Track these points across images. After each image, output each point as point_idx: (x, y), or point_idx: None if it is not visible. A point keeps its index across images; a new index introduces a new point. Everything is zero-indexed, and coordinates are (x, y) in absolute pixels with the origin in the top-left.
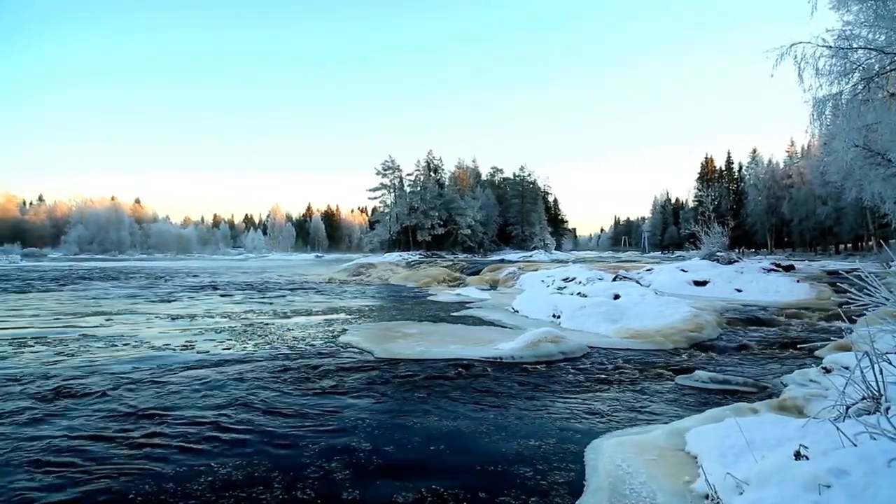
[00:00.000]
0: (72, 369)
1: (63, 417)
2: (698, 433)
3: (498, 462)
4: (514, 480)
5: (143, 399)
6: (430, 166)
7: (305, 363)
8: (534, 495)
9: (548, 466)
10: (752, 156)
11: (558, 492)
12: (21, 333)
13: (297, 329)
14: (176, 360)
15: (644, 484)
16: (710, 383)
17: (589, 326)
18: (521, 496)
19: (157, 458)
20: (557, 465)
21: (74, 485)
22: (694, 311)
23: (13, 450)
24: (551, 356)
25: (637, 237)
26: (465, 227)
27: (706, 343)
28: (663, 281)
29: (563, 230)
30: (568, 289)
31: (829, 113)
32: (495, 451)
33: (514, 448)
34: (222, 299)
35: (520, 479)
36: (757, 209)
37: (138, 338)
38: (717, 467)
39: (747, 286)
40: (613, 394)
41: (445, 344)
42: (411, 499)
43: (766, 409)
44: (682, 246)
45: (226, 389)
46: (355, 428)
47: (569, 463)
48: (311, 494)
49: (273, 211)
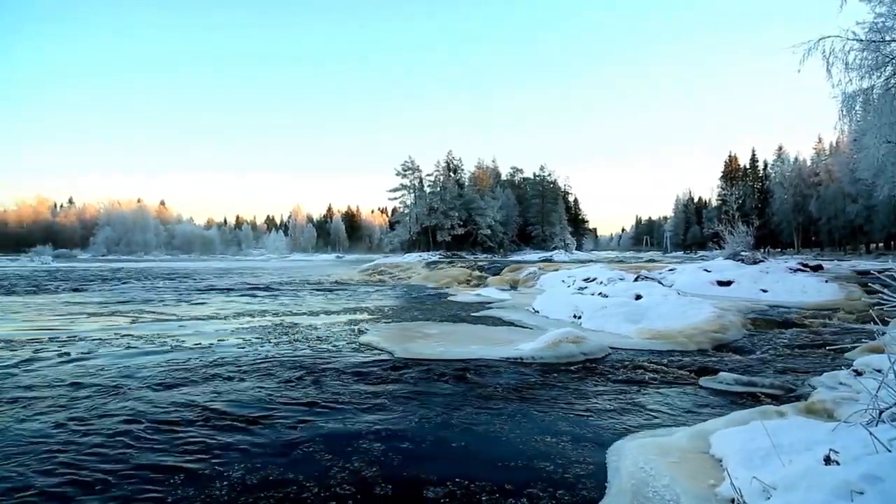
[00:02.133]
0: (116, 367)
1: (121, 401)
2: (723, 436)
3: (518, 462)
4: (535, 482)
5: (168, 396)
6: (450, 167)
7: (326, 363)
8: (555, 497)
9: (569, 468)
10: (778, 153)
11: (580, 493)
12: (58, 331)
13: (319, 329)
14: (202, 359)
15: (667, 487)
16: (734, 385)
17: (610, 327)
18: (543, 497)
19: (194, 451)
20: (578, 466)
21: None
22: (718, 312)
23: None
24: (572, 357)
25: (659, 237)
26: (484, 228)
27: (730, 344)
28: (686, 281)
29: (583, 230)
30: (589, 289)
31: (859, 108)
32: (515, 451)
33: (534, 449)
34: (246, 299)
35: (540, 480)
36: (783, 208)
37: (174, 336)
38: (742, 471)
39: (773, 286)
40: (635, 395)
41: (465, 344)
42: (440, 493)
43: (794, 412)
44: (706, 246)
45: (250, 385)
46: (377, 426)
47: (590, 465)
48: (349, 489)
49: (294, 212)
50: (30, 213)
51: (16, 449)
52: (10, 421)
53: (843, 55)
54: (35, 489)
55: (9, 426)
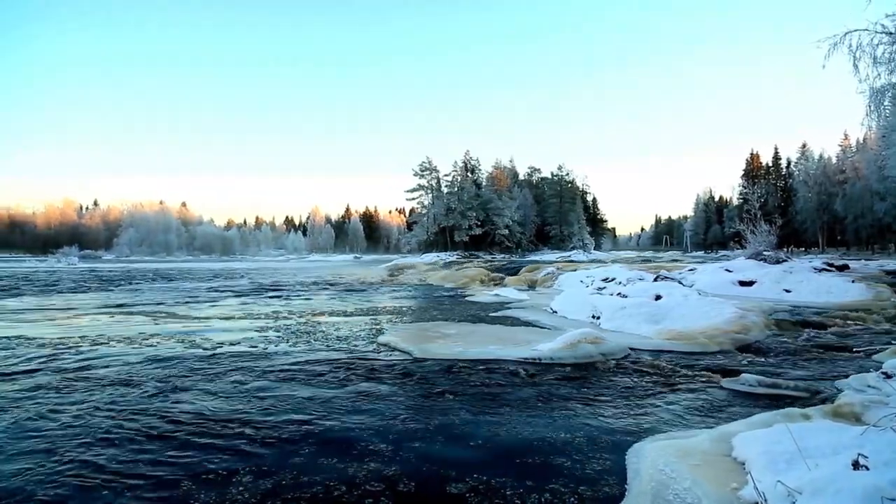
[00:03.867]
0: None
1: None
2: (746, 438)
3: (536, 460)
4: (553, 482)
5: (196, 396)
6: (467, 167)
7: (346, 363)
8: (575, 495)
9: (588, 469)
10: (802, 151)
11: (598, 496)
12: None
13: (338, 330)
14: (225, 360)
15: (688, 490)
16: (757, 387)
17: (629, 327)
18: (561, 498)
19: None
20: (597, 467)
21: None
22: (740, 312)
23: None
24: (591, 357)
25: (679, 236)
26: (502, 228)
27: (753, 345)
28: (707, 281)
29: (602, 230)
30: (607, 289)
31: (888, 104)
32: (534, 451)
33: (553, 449)
34: (266, 300)
35: (558, 481)
36: (807, 206)
37: (200, 336)
38: (766, 475)
39: (797, 286)
40: (655, 396)
41: (483, 344)
42: (462, 489)
43: (820, 415)
44: (727, 245)
45: (272, 385)
46: (396, 425)
47: (609, 466)
48: (375, 486)
49: (313, 213)
50: (57, 214)
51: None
52: (57, 423)
53: (870, 49)
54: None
55: (55, 425)
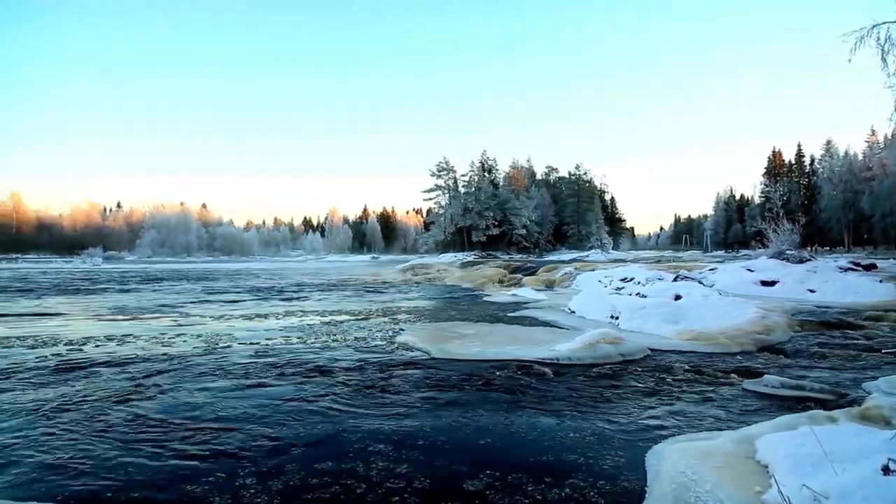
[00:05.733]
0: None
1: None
2: (769, 441)
3: (555, 462)
4: (571, 483)
5: (220, 393)
6: (484, 167)
7: (365, 363)
8: (592, 499)
9: (606, 470)
10: (826, 147)
11: (618, 497)
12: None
13: (357, 329)
14: (247, 359)
15: (710, 492)
16: (780, 389)
17: (649, 328)
18: (579, 499)
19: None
20: (616, 469)
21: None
22: (762, 313)
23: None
24: (609, 358)
25: (699, 236)
26: (519, 227)
27: (776, 346)
28: (727, 281)
29: (620, 229)
30: (626, 289)
31: None
32: (552, 451)
33: (571, 450)
34: (286, 300)
35: (577, 481)
36: (832, 204)
37: (225, 335)
38: (791, 478)
39: (822, 286)
40: (675, 397)
41: (501, 344)
42: (479, 486)
43: (847, 418)
44: (748, 244)
45: (291, 384)
46: (414, 423)
47: (629, 468)
48: (398, 483)
49: (330, 213)
50: (82, 216)
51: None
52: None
53: None
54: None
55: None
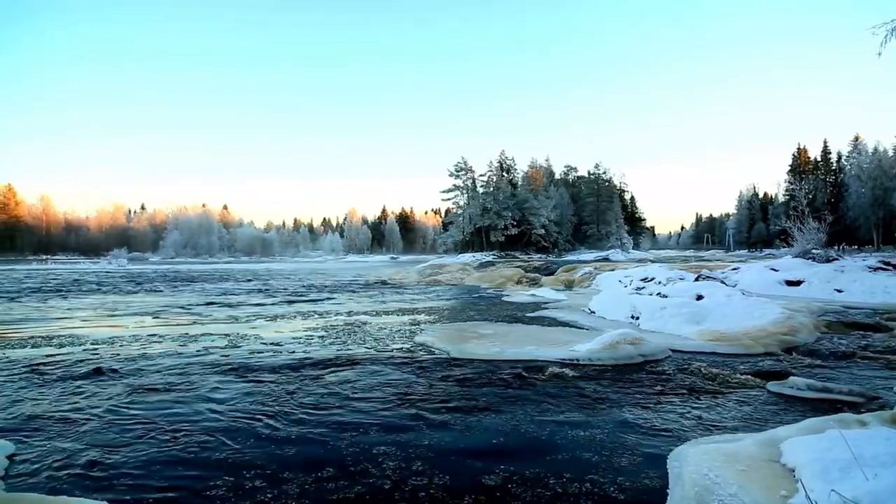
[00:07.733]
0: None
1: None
2: (796, 444)
3: (574, 460)
4: (590, 485)
5: (244, 394)
6: (503, 166)
7: (385, 363)
8: (612, 495)
9: (627, 473)
10: (854, 144)
11: (639, 496)
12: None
13: (377, 330)
14: (268, 358)
15: (734, 496)
16: (807, 391)
17: (670, 328)
18: (599, 494)
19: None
20: (637, 471)
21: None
22: (787, 313)
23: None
24: (630, 358)
25: (721, 235)
26: (538, 227)
27: (801, 347)
28: (751, 280)
29: (640, 229)
30: (647, 289)
31: None
32: (571, 449)
33: (590, 451)
34: (308, 300)
35: (597, 483)
36: (860, 202)
37: (250, 336)
38: (818, 483)
39: (849, 286)
40: (697, 399)
41: (520, 345)
42: (497, 482)
43: (877, 421)
44: (772, 243)
45: (313, 383)
46: (433, 422)
47: (649, 470)
48: (420, 480)
49: (350, 214)
50: (108, 219)
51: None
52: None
53: None
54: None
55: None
